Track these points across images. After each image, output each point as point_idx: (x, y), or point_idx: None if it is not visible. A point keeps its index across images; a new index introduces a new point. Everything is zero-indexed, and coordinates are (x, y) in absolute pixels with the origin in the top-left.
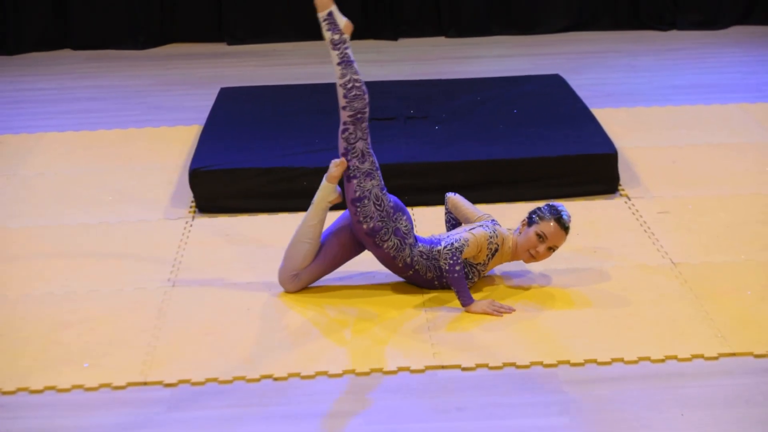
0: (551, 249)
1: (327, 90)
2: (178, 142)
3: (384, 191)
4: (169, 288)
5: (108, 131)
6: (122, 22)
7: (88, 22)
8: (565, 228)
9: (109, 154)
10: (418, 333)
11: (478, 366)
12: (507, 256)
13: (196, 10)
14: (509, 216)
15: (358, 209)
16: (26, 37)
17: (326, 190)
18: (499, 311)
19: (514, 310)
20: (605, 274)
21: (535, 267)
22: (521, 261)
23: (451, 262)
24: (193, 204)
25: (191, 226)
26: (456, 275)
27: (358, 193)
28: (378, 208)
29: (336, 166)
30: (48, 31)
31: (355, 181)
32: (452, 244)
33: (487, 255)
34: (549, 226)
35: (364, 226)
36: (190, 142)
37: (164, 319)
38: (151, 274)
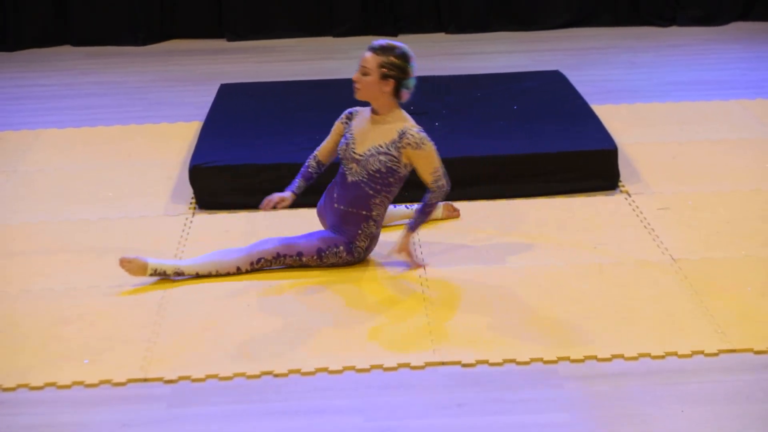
0: (360, 71)
1: (327, 86)
2: (178, 139)
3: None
4: (168, 284)
5: (108, 127)
6: (122, 18)
7: (88, 19)
8: (370, 48)
9: (110, 150)
10: (418, 329)
11: (478, 362)
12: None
13: (196, 7)
14: (509, 212)
15: (321, 261)
16: (26, 33)
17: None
18: (414, 262)
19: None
20: (605, 269)
21: (534, 261)
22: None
23: (440, 197)
24: (194, 200)
25: (191, 222)
26: (429, 210)
27: (320, 246)
28: (338, 257)
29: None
30: (48, 27)
31: (318, 239)
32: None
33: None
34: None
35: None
36: (191, 139)
37: (164, 315)
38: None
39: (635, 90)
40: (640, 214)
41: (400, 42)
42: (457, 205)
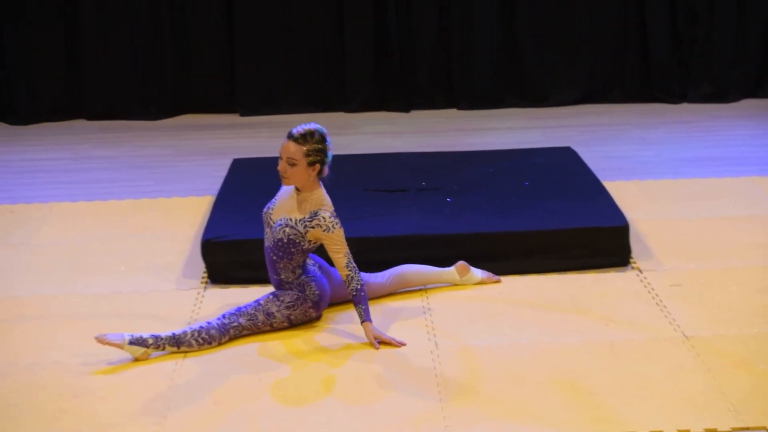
0: (287, 162)
1: (339, 161)
2: (190, 213)
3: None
4: (180, 359)
5: (120, 201)
6: (135, 92)
7: (101, 93)
8: (288, 136)
9: (122, 224)
10: (430, 406)
11: None
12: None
13: (209, 81)
14: (521, 288)
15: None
16: (39, 106)
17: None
18: (392, 340)
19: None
20: (617, 346)
21: (546, 337)
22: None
23: (355, 284)
24: (205, 275)
25: (203, 296)
26: (363, 294)
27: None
28: (298, 318)
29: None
30: (61, 101)
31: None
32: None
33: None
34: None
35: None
36: (203, 213)
37: (175, 389)
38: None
39: (646, 166)
40: (652, 290)
41: (313, 123)
42: None
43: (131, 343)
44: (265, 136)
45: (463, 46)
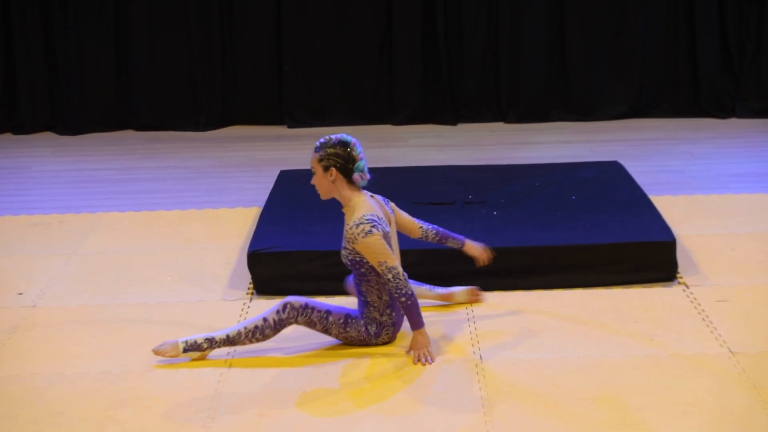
0: (312, 174)
1: (385, 173)
2: (237, 224)
3: (347, 327)
4: (225, 369)
5: (168, 212)
6: (184, 103)
7: (150, 103)
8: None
9: (169, 234)
10: (471, 409)
11: None
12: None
13: (257, 93)
14: (566, 302)
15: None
16: (89, 117)
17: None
18: (427, 357)
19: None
20: (662, 361)
21: (592, 352)
22: None
23: (398, 293)
24: (251, 286)
25: (249, 307)
26: (410, 302)
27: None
28: (355, 341)
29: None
30: (110, 111)
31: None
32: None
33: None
34: None
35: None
36: (249, 224)
37: (220, 399)
38: (209, 355)
39: (694, 181)
40: (698, 306)
41: (341, 134)
42: (515, 294)
43: (185, 351)
44: (312, 148)
45: (511, 59)
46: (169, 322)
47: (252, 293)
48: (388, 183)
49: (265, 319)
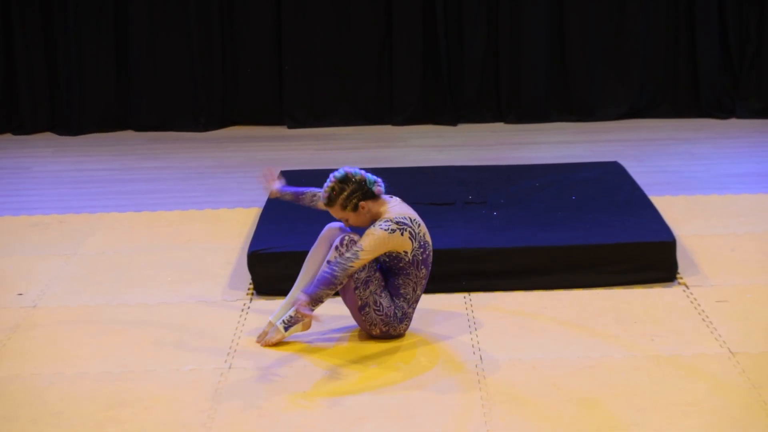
0: (345, 223)
1: (385, 174)
2: (237, 224)
3: (383, 293)
4: (225, 369)
5: (168, 212)
6: (184, 103)
7: (150, 104)
8: (325, 204)
9: (169, 234)
10: (472, 409)
11: None
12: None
13: (257, 93)
14: (566, 303)
15: (363, 317)
16: (89, 117)
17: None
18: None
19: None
20: (663, 362)
21: (591, 352)
22: None
23: (334, 268)
24: (251, 286)
25: (249, 308)
26: (325, 275)
27: (360, 303)
28: (378, 313)
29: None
30: (110, 112)
31: (356, 292)
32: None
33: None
34: None
35: (373, 332)
36: (249, 225)
37: (220, 399)
38: (208, 355)
39: (694, 181)
40: (698, 306)
41: (331, 175)
42: (514, 294)
43: (287, 328)
44: (312, 149)
45: (511, 59)
46: (169, 322)
47: (252, 293)
48: (389, 183)
49: (328, 262)
